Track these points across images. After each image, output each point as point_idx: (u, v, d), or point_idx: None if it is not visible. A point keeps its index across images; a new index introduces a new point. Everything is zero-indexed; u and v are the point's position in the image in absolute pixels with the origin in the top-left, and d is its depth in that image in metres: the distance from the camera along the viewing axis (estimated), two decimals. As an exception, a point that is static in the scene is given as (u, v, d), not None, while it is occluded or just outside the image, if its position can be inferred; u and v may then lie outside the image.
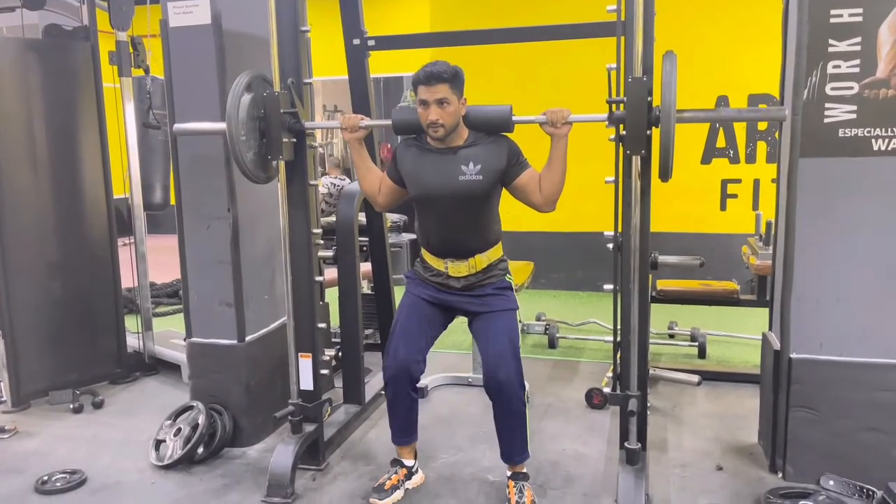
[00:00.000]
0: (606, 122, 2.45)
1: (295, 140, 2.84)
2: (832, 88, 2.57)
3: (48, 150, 3.84)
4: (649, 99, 2.36)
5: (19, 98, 3.72)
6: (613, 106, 2.46)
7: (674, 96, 2.25)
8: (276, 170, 2.84)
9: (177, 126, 2.97)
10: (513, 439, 2.61)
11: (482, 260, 2.64)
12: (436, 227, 2.65)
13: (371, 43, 3.46)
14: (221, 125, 2.69)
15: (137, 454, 3.18)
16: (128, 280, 4.31)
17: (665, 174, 2.34)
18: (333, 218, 3.37)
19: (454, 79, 2.47)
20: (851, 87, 2.56)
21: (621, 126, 2.43)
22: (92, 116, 3.98)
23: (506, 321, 2.63)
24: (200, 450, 3.06)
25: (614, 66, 2.51)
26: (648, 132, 2.38)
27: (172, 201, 3.57)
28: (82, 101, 3.95)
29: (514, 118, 2.55)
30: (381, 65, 6.06)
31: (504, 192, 2.65)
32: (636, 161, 2.43)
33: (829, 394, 2.69)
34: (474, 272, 2.64)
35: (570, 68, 5.49)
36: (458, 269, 2.64)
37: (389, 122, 2.71)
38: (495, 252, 2.68)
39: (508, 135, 2.61)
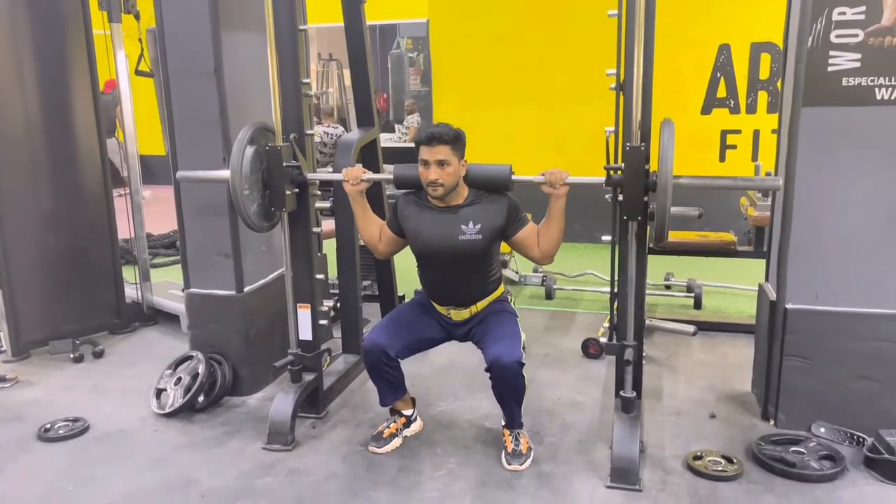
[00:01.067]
0: (604, 185, 2.50)
1: (297, 190, 2.87)
2: (837, 36, 2.52)
3: (39, 99, 3.77)
4: (646, 166, 2.39)
5: (7, 44, 3.64)
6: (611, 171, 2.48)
7: (670, 165, 2.26)
8: (280, 218, 2.87)
9: (180, 173, 3.01)
10: (512, 410, 2.67)
11: (482, 305, 2.72)
12: (437, 280, 2.73)
13: (367, -12, 3.38)
14: (225, 173, 2.70)
15: (139, 403, 3.22)
16: (124, 231, 4.30)
17: (660, 239, 2.37)
18: (330, 169, 3.34)
19: (455, 141, 2.52)
20: (856, 35, 2.51)
21: (619, 190, 2.48)
22: (83, 63, 3.91)
23: (506, 317, 2.70)
24: (201, 398, 3.10)
25: (612, 129, 2.62)
26: (646, 198, 2.42)
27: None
28: (72, 48, 3.87)
29: (513, 177, 2.59)
30: (377, 12, 5.94)
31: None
32: (633, 226, 2.47)
33: (822, 343, 2.72)
34: (475, 314, 2.72)
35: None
36: (461, 314, 2.73)
37: (391, 176, 2.76)
38: (496, 294, 2.75)
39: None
